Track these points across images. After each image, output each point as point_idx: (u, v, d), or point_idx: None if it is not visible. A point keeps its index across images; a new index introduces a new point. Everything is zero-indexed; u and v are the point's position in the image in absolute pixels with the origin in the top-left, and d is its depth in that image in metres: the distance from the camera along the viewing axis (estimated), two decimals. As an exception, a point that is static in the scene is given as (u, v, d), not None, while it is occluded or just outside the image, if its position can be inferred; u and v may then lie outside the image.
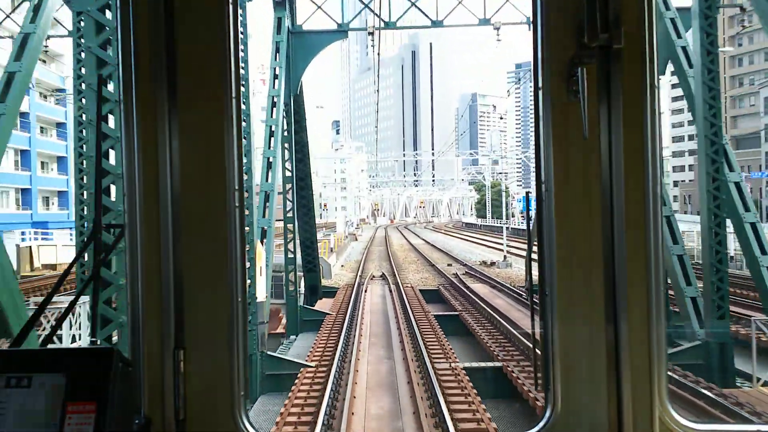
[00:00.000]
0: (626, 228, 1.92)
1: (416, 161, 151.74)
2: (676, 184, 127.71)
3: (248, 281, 14.10)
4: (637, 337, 1.92)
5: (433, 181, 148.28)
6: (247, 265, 12.77)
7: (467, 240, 59.86)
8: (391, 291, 25.35)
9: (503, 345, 16.33)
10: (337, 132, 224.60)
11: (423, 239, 64.31)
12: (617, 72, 1.92)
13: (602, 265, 1.95)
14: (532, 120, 2.03)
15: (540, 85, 1.96)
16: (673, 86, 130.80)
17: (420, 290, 25.83)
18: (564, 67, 1.93)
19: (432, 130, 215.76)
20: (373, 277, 30.69)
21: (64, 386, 1.66)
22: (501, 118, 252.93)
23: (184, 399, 1.93)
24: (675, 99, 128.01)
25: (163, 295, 1.94)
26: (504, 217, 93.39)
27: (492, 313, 19.69)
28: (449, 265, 35.60)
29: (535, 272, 2.11)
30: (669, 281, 15.64)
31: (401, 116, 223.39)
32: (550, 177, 1.96)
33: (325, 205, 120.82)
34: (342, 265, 36.18)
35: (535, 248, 2.08)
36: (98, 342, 2.88)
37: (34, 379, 1.67)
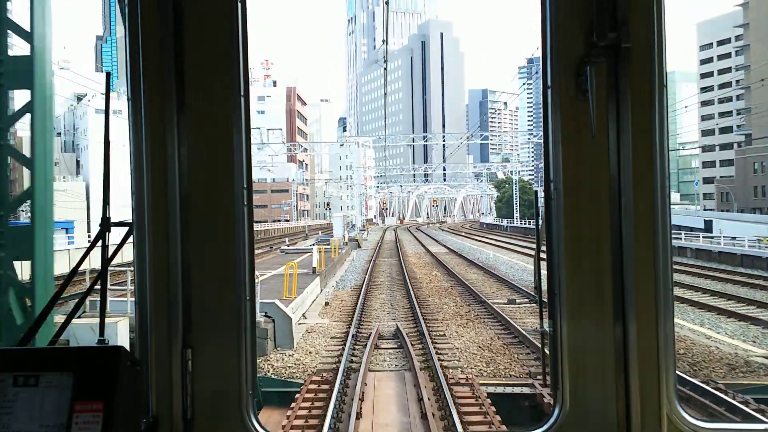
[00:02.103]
0: (635, 226, 1.88)
1: (425, 146, 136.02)
2: (707, 180, 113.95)
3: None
4: (645, 335, 1.87)
5: (444, 175, 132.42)
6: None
7: (503, 248, 44.15)
8: (423, 415, 9.59)
9: None
10: (344, 129, 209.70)
11: (444, 245, 48.73)
12: (626, 71, 1.87)
13: (611, 263, 1.91)
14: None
15: (549, 83, 1.92)
16: (702, 76, 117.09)
17: (490, 394, 10.35)
18: (573, 66, 1.89)
19: (443, 126, 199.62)
20: (380, 341, 14.89)
21: (71, 385, 1.63)
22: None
23: (192, 398, 1.90)
24: (704, 89, 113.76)
25: (171, 294, 1.90)
26: (534, 217, 78.24)
27: None
28: (511, 302, 19.94)
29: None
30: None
31: (410, 110, 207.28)
32: (559, 175, 1.92)
33: (328, 204, 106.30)
34: (326, 303, 20.48)
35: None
36: (106, 341, 2.27)
37: (41, 378, 1.64)
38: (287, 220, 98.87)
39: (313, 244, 45.85)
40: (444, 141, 53.93)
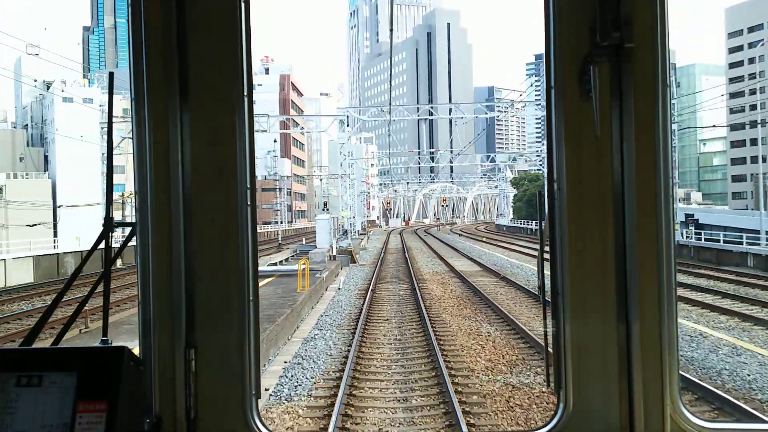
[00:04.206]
0: (638, 227, 1.85)
1: (431, 143, 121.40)
2: (737, 178, 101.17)
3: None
4: (648, 336, 1.84)
5: (452, 169, 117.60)
6: None
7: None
8: None
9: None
10: (347, 125, 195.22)
11: (468, 257, 34.48)
12: (629, 71, 1.84)
13: (614, 263, 1.88)
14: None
15: (552, 83, 1.89)
16: (731, 66, 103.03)
17: None
18: (576, 66, 1.86)
19: (450, 122, 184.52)
20: None
21: (75, 385, 1.61)
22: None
23: (195, 398, 1.86)
24: (732, 80, 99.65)
25: (174, 293, 1.87)
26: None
27: None
28: None
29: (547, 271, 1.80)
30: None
31: (415, 105, 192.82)
32: (562, 176, 1.89)
33: (325, 205, 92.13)
34: None
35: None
36: (109, 341, 2.03)
37: (45, 378, 1.62)
38: (279, 222, 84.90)
39: (286, 260, 31.60)
40: (450, 115, 41.45)
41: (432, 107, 39.68)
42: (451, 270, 27.96)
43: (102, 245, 2.07)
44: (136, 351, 1.82)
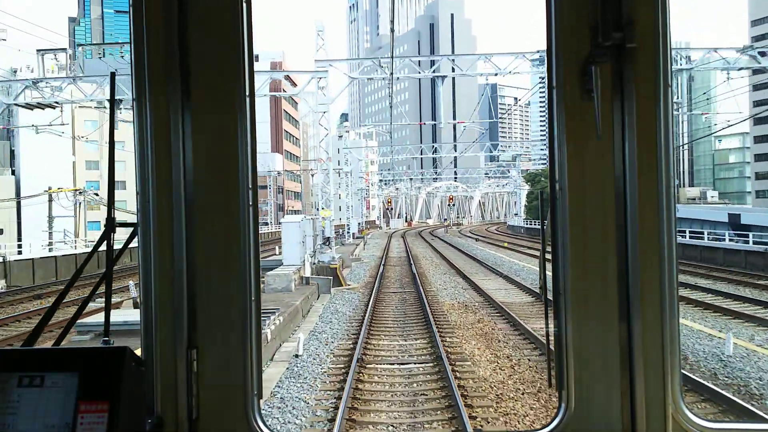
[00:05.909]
0: (640, 227, 1.85)
1: (434, 137, 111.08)
2: (762, 176, 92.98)
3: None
4: (650, 335, 1.84)
5: (456, 161, 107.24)
6: None
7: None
8: None
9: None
10: (346, 119, 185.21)
11: (509, 278, 25.39)
12: (631, 71, 1.84)
13: (616, 263, 1.88)
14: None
15: (554, 83, 1.89)
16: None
17: None
18: (578, 66, 1.86)
19: (454, 118, 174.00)
20: None
21: (76, 385, 1.60)
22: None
23: (197, 398, 1.86)
24: (756, 71, 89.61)
25: (176, 294, 1.87)
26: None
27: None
28: None
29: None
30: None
31: (417, 101, 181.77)
32: (564, 176, 1.88)
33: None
34: None
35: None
36: (111, 342, 1.98)
37: (46, 378, 1.61)
38: (266, 224, 74.75)
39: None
40: (454, 71, 32.55)
41: (438, 58, 29.68)
42: (486, 299, 18.12)
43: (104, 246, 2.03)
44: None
